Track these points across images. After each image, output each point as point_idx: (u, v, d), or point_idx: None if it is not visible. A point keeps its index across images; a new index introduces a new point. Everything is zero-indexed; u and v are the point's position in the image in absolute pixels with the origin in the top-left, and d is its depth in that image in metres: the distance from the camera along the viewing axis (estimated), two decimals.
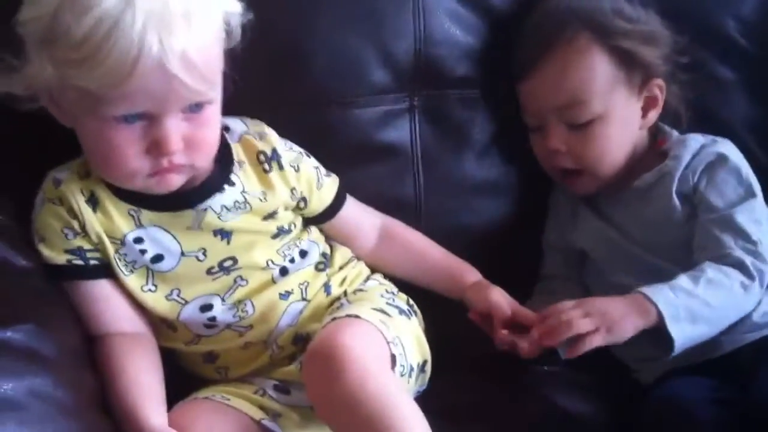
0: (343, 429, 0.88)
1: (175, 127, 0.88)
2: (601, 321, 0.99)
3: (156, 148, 0.88)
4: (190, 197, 0.96)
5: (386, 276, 1.14)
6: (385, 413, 0.84)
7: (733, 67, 1.32)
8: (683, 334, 1.00)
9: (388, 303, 1.03)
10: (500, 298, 1.09)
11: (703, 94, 1.30)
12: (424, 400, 0.98)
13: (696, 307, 1.01)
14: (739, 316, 1.05)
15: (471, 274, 1.15)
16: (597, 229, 1.19)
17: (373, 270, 1.15)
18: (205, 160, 0.94)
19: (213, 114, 0.92)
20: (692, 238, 1.10)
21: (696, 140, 1.17)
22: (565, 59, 1.13)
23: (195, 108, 0.89)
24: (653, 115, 1.19)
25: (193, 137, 0.90)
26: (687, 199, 1.12)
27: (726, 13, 1.32)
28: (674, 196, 1.12)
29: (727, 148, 1.16)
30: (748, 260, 1.04)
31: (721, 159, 1.13)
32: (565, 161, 1.16)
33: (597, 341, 0.99)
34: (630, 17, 1.17)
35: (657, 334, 1.01)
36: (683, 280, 1.03)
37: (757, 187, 1.12)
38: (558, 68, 1.14)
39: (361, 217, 1.14)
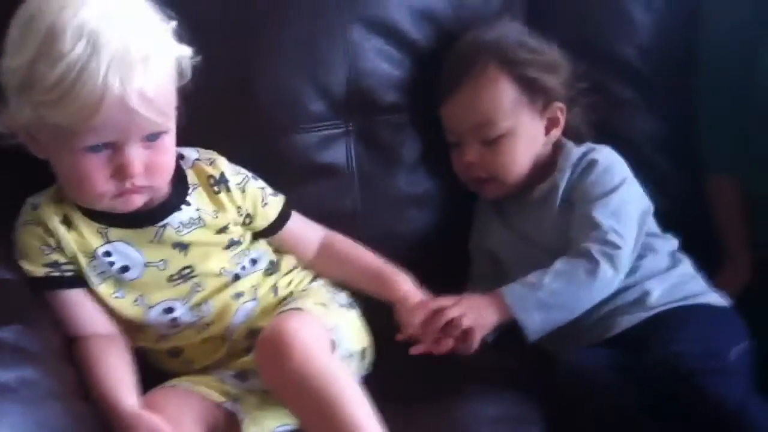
0: (295, 403, 0.98)
1: (136, 154, 0.98)
2: (476, 320, 1.13)
3: (120, 172, 0.98)
4: (151, 215, 1.07)
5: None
6: (329, 386, 0.95)
7: (632, 88, 1.45)
8: (534, 321, 1.14)
9: (329, 299, 1.14)
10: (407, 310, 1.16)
11: (607, 113, 1.41)
12: (367, 383, 1.07)
13: (543, 296, 1.14)
14: (595, 298, 1.16)
15: (401, 284, 1.19)
16: (503, 235, 1.31)
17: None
18: (162, 182, 1.05)
19: (169, 142, 1.03)
20: None
21: (576, 151, 1.28)
22: (477, 86, 1.26)
23: (153, 137, 1.00)
24: (555, 133, 1.31)
25: (152, 163, 1.00)
26: (570, 205, 1.24)
27: (624, 41, 1.44)
28: (558, 205, 1.24)
29: (601, 153, 1.27)
30: (594, 248, 1.15)
31: (592, 164, 1.24)
32: (479, 171, 1.29)
33: (477, 337, 1.14)
34: (533, 49, 1.30)
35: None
36: (532, 275, 1.16)
37: (622, 183, 1.22)
38: (471, 94, 1.26)
39: (303, 232, 1.23)
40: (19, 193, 1.09)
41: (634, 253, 1.20)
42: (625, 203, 1.21)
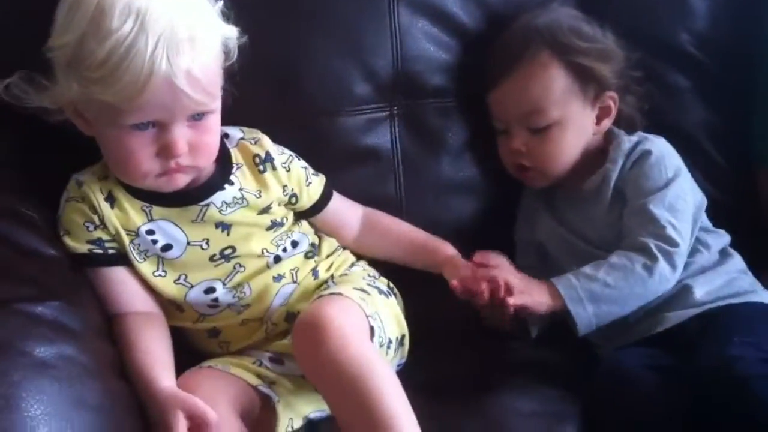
0: (329, 389, 0.97)
1: (181, 134, 0.99)
2: (525, 287, 1.13)
3: (165, 151, 0.99)
4: (195, 194, 1.08)
5: (370, 262, 1.24)
6: (364, 374, 0.94)
7: (687, 76, 1.42)
8: (585, 314, 1.12)
9: (368, 284, 1.14)
10: (455, 270, 1.18)
11: (660, 102, 1.38)
12: (403, 374, 1.07)
13: (597, 288, 1.12)
14: (649, 295, 1.14)
15: (446, 249, 1.23)
16: (551, 227, 1.29)
17: (359, 256, 1.25)
18: (206, 162, 1.06)
19: (214, 122, 1.03)
20: None
21: (628, 141, 1.25)
22: (528, 73, 1.23)
23: (198, 117, 1.00)
24: (606, 123, 1.28)
25: (197, 142, 1.01)
26: (622, 197, 1.22)
27: (679, 27, 1.41)
28: (610, 197, 1.22)
29: (654, 143, 1.24)
30: (652, 243, 1.13)
31: (644, 155, 1.22)
32: (524, 159, 1.26)
33: (525, 299, 1.12)
34: (586, 36, 1.26)
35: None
36: (587, 267, 1.15)
37: (677, 176, 1.20)
38: (521, 81, 1.23)
39: (345, 211, 1.24)
40: (65, 170, 1.10)
41: (688, 249, 1.17)
42: (681, 197, 1.19)
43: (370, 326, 1.04)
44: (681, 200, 1.18)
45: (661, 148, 1.24)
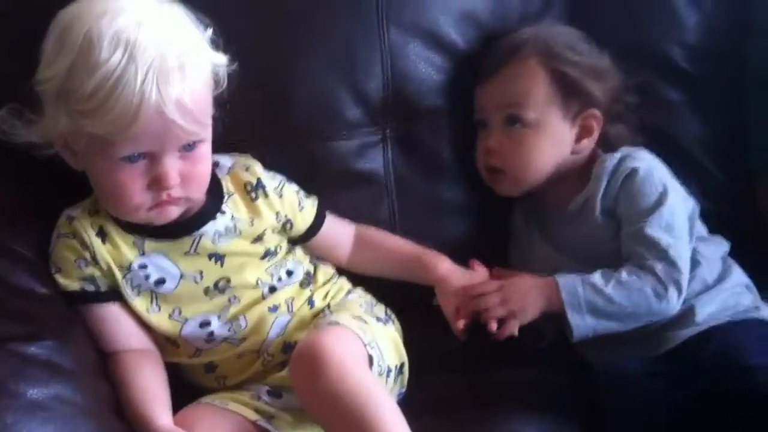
0: (329, 420, 0.96)
1: (172, 165, 0.98)
2: (512, 307, 1.14)
3: (156, 183, 0.98)
4: (187, 225, 1.07)
5: (366, 287, 1.23)
6: (364, 404, 0.93)
7: (679, 90, 1.41)
8: (583, 323, 1.12)
9: (366, 312, 1.13)
10: (446, 293, 1.19)
11: (654, 114, 1.37)
12: (402, 401, 1.08)
13: (600, 303, 1.12)
14: (651, 318, 1.13)
15: (439, 266, 1.22)
16: (541, 249, 1.28)
17: (353, 273, 1.24)
18: (198, 193, 1.04)
19: (205, 151, 1.02)
20: None
21: (612, 159, 1.22)
22: (514, 72, 1.24)
23: (189, 147, 0.99)
24: (586, 143, 1.26)
25: (189, 173, 1.00)
26: (613, 217, 1.20)
27: (671, 41, 1.41)
28: (599, 216, 1.20)
29: (640, 159, 1.21)
30: (660, 268, 1.12)
31: (632, 173, 1.19)
32: (495, 160, 1.25)
33: (514, 326, 1.13)
34: (579, 51, 1.26)
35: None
36: (597, 276, 1.13)
37: (667, 190, 1.18)
38: (507, 77, 1.24)
39: (339, 231, 1.23)
40: (57, 205, 1.09)
41: (689, 265, 1.17)
42: (675, 214, 1.18)
43: (368, 355, 1.02)
44: (676, 217, 1.17)
45: (647, 163, 1.22)
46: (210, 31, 1.04)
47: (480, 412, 1.12)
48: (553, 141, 1.24)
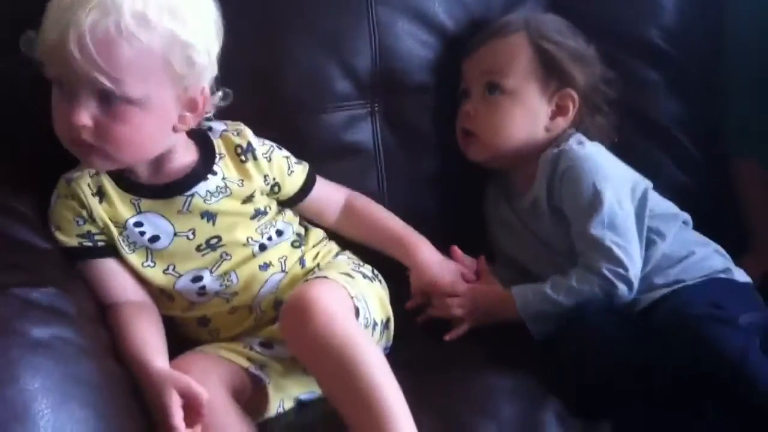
0: (317, 366, 1.00)
1: (83, 104, 0.98)
2: (471, 314, 1.22)
3: (68, 116, 0.99)
4: (179, 185, 1.11)
5: (354, 251, 1.27)
6: (351, 350, 0.97)
7: (657, 70, 1.46)
8: (542, 330, 1.18)
9: (353, 269, 1.17)
10: (418, 282, 1.25)
11: (632, 96, 1.42)
12: (388, 355, 1.09)
13: (554, 310, 1.17)
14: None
15: (420, 249, 1.26)
16: (508, 228, 1.33)
17: (342, 238, 1.28)
18: (122, 155, 1.03)
19: (129, 114, 1.00)
20: None
21: (549, 154, 1.25)
22: (500, 44, 1.29)
23: (106, 98, 0.98)
24: (560, 122, 1.29)
25: (105, 127, 0.99)
26: (562, 215, 1.23)
27: (648, 22, 1.45)
28: (549, 217, 1.24)
29: (573, 158, 1.22)
30: (605, 268, 1.15)
31: (566, 172, 1.21)
32: (470, 123, 1.30)
33: (463, 329, 1.22)
34: (565, 35, 1.31)
35: None
36: (548, 286, 1.18)
37: (605, 184, 1.19)
38: (495, 46, 1.29)
39: (328, 196, 1.27)
40: (54, 170, 1.13)
41: (640, 252, 1.19)
42: (616, 209, 1.19)
43: (355, 307, 1.06)
44: (618, 211, 1.18)
45: (579, 161, 1.22)
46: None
47: (457, 367, 1.16)
48: (527, 112, 1.28)
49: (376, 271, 1.23)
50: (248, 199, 1.15)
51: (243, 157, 1.15)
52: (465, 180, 1.39)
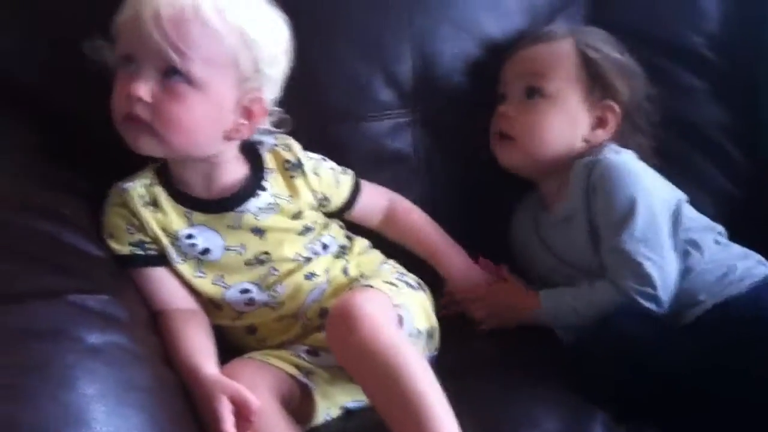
0: (363, 374, 1.01)
1: (146, 77, 1.01)
2: (493, 311, 1.24)
3: (129, 90, 1.02)
4: (231, 201, 1.13)
5: (399, 261, 1.28)
6: (396, 359, 0.97)
7: (700, 77, 1.45)
8: (568, 337, 1.18)
9: (397, 278, 1.18)
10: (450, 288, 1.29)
11: (676, 102, 1.42)
12: (433, 362, 1.10)
13: (580, 322, 1.16)
14: None
15: (454, 261, 1.29)
16: (535, 245, 1.31)
17: (386, 247, 1.29)
18: (171, 136, 1.04)
19: (185, 92, 1.02)
20: None
21: (581, 165, 1.22)
22: (548, 46, 1.29)
23: (169, 74, 1.01)
24: (600, 133, 1.27)
25: (161, 103, 1.01)
26: (595, 229, 1.20)
27: (691, 29, 1.45)
28: (586, 231, 1.21)
29: (604, 166, 1.19)
30: (635, 287, 1.13)
31: (599, 184, 1.19)
32: (506, 125, 1.28)
33: (488, 326, 1.25)
34: (613, 47, 1.30)
35: None
36: (574, 295, 1.18)
37: (638, 196, 1.16)
38: (539, 50, 1.29)
39: (372, 203, 1.29)
40: (106, 178, 1.16)
41: (675, 261, 1.16)
42: (651, 222, 1.16)
43: (398, 315, 1.07)
44: (652, 225, 1.16)
45: (614, 168, 1.19)
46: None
47: (504, 377, 1.15)
48: (568, 119, 1.26)
49: (420, 280, 1.24)
50: (297, 215, 1.17)
51: (292, 173, 1.17)
52: (505, 188, 1.39)
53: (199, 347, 1.07)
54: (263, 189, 1.15)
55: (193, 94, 1.03)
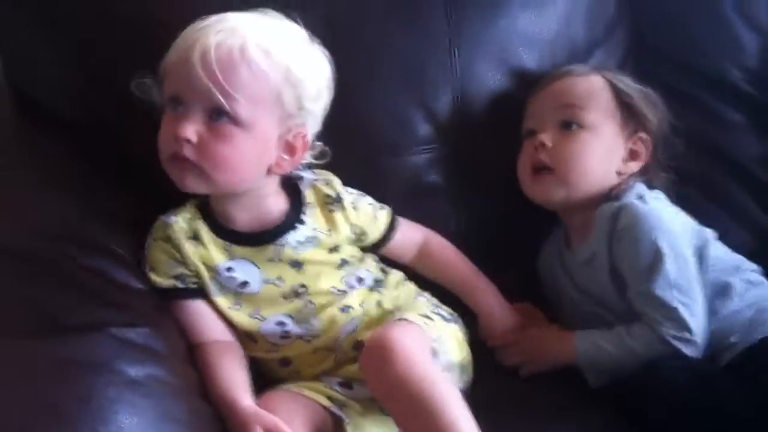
0: (397, 407, 1.02)
1: (193, 119, 1.04)
2: (527, 358, 1.24)
3: (176, 130, 1.05)
4: (271, 234, 1.15)
5: (433, 293, 1.29)
6: (431, 392, 0.98)
7: (740, 111, 1.47)
8: (600, 380, 1.18)
9: (432, 311, 1.19)
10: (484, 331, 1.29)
11: (716, 137, 1.45)
12: (466, 395, 1.11)
13: (615, 367, 1.16)
14: None
15: (486, 298, 1.30)
16: (563, 279, 1.32)
17: (420, 280, 1.30)
18: (217, 175, 1.07)
19: (232, 133, 1.05)
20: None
21: (609, 208, 1.22)
22: (578, 79, 1.29)
23: (216, 116, 1.04)
24: (632, 165, 1.27)
25: (207, 143, 1.04)
26: (618, 273, 1.21)
27: (732, 64, 1.47)
28: (608, 274, 1.22)
29: (631, 212, 1.19)
30: (671, 332, 1.13)
31: (626, 232, 1.18)
32: (544, 156, 1.25)
33: (526, 372, 1.24)
34: (632, 79, 1.32)
35: None
36: (610, 340, 1.17)
37: (667, 242, 1.16)
38: (571, 82, 1.29)
39: (407, 239, 1.30)
40: (147, 211, 1.19)
41: (705, 305, 1.16)
42: (681, 267, 1.16)
43: (433, 348, 1.08)
44: (683, 270, 1.16)
45: (640, 216, 1.19)
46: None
47: (537, 411, 1.17)
48: (606, 150, 1.26)
49: (454, 313, 1.25)
50: (335, 248, 1.19)
51: (331, 207, 1.19)
52: (543, 222, 1.39)
53: (236, 380, 1.08)
54: (302, 222, 1.18)
55: (239, 133, 1.06)
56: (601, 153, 1.26)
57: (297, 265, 1.16)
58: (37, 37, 1.24)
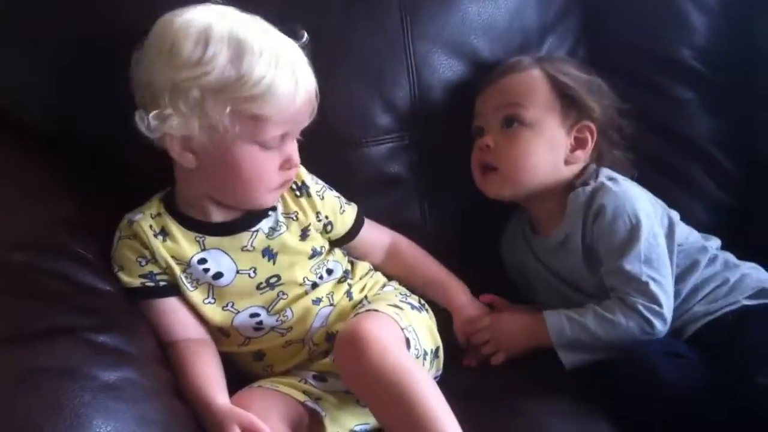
0: (372, 397, 1.03)
1: (295, 146, 1.12)
2: (499, 344, 1.25)
3: (287, 163, 1.11)
4: (245, 221, 1.15)
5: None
6: (404, 380, 0.99)
7: (691, 89, 1.49)
8: (573, 358, 1.19)
9: (401, 300, 1.20)
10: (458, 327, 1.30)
11: (668, 114, 1.47)
12: (439, 383, 1.10)
13: (587, 340, 1.18)
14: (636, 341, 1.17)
15: (457, 295, 1.31)
16: (531, 263, 1.34)
17: (389, 276, 1.31)
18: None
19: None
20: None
21: (583, 193, 1.24)
22: (518, 76, 1.30)
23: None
24: (580, 154, 1.29)
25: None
26: (594, 253, 1.23)
27: (681, 42, 1.49)
28: (581, 255, 1.24)
29: (608, 194, 1.22)
30: (641, 304, 1.16)
31: (601, 211, 1.21)
32: (490, 157, 1.28)
33: (496, 359, 1.25)
34: (578, 67, 1.34)
35: None
36: (581, 315, 1.19)
37: (640, 221, 1.19)
38: (510, 81, 1.30)
39: (374, 238, 1.31)
40: (116, 208, 1.18)
41: (672, 284, 1.20)
42: (652, 244, 1.20)
43: (405, 338, 1.09)
44: (654, 247, 1.19)
45: (615, 196, 1.22)
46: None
47: (512, 391, 1.18)
48: (549, 145, 1.28)
49: (422, 301, 1.27)
50: (305, 234, 1.19)
51: (297, 193, 1.20)
52: (504, 210, 1.41)
53: (210, 378, 1.08)
54: (273, 209, 1.18)
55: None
56: (544, 148, 1.28)
57: (270, 254, 1.16)
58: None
